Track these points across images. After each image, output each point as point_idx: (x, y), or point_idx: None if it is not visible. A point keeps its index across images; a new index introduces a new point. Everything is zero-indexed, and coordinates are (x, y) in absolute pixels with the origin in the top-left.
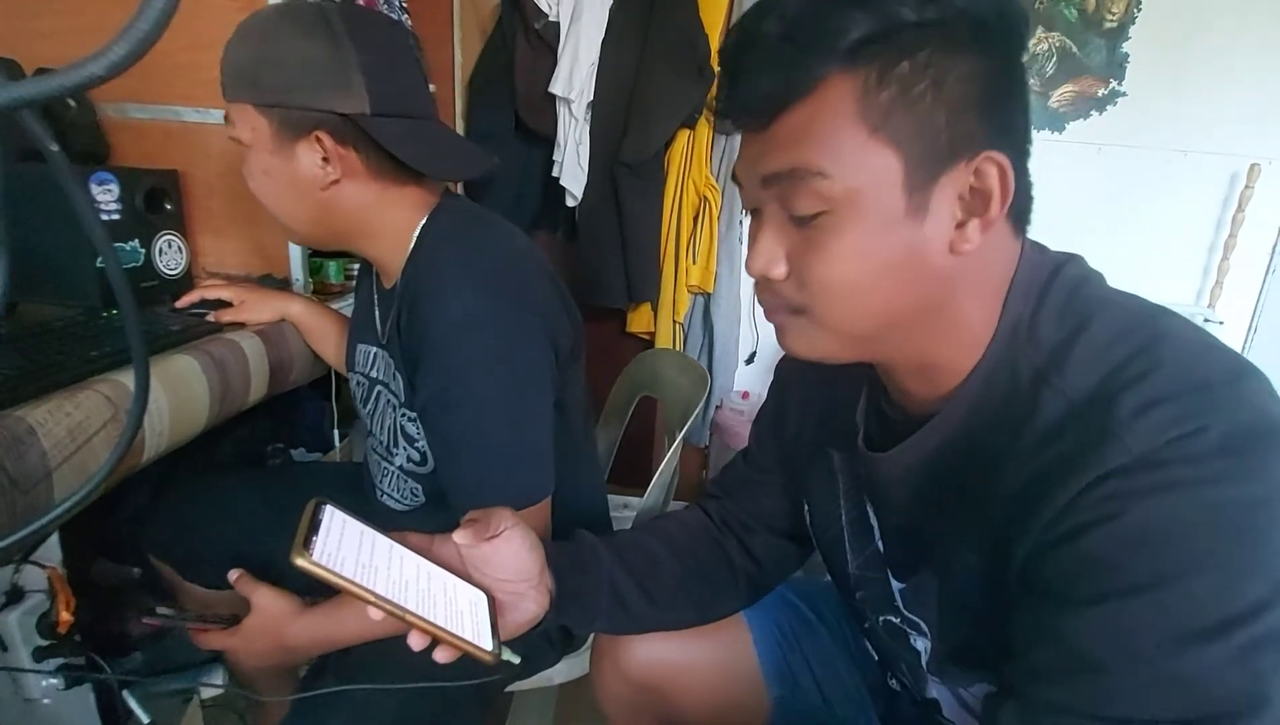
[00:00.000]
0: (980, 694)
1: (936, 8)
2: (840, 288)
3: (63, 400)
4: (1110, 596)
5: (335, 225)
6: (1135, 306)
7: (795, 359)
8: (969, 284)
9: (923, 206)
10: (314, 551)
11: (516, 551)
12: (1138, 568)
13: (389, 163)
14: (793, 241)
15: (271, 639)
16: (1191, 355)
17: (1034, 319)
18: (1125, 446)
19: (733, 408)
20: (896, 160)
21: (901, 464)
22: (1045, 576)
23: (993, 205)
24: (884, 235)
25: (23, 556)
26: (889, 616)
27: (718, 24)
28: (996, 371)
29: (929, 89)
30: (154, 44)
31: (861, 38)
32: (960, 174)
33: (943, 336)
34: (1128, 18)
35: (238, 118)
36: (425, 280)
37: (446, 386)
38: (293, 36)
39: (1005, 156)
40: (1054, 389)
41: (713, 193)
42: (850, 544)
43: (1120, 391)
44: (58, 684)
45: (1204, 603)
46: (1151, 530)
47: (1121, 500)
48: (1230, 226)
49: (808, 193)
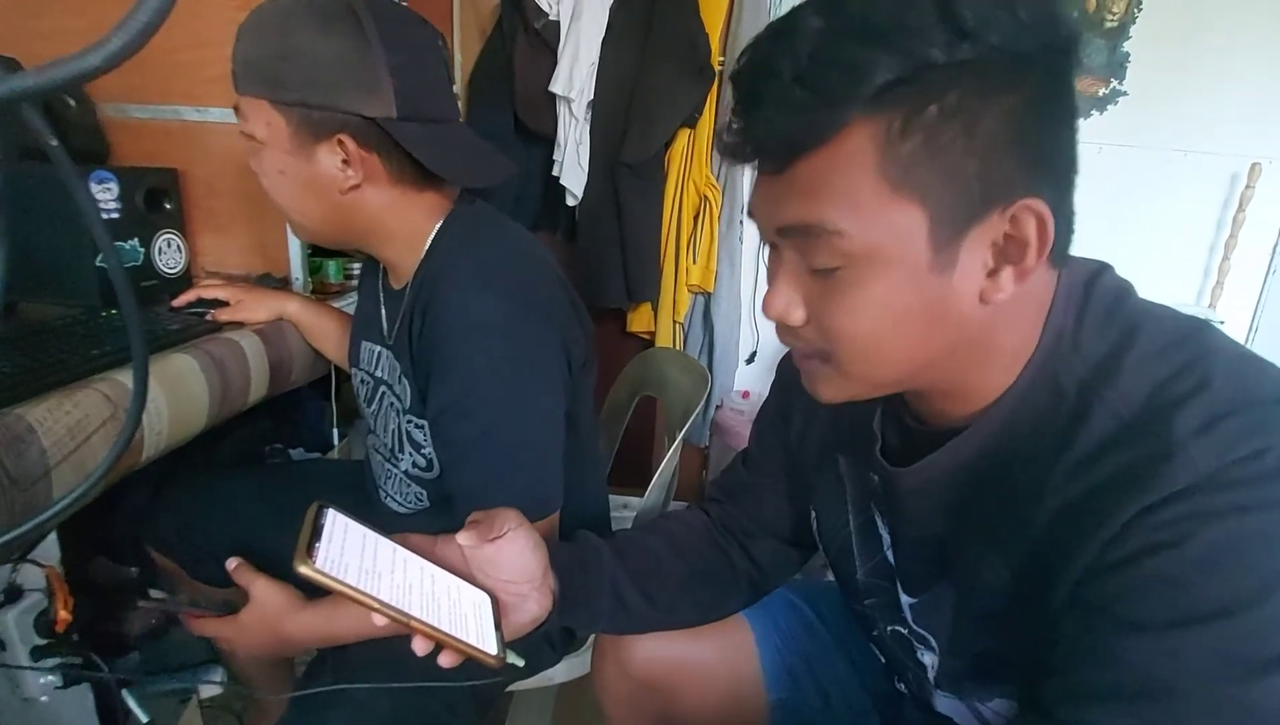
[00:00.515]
0: (1002, 709)
1: (971, 47)
2: (863, 339)
3: (62, 398)
4: (1179, 622)
5: (349, 226)
6: (1177, 319)
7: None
8: (1002, 323)
9: (950, 260)
10: (317, 559)
11: (520, 552)
12: (1207, 592)
13: (410, 167)
14: (810, 289)
15: (268, 632)
16: (1240, 370)
17: (1077, 330)
18: (1191, 466)
19: (733, 407)
20: (921, 216)
21: (926, 476)
22: (1103, 597)
23: (1029, 255)
24: (907, 288)
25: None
26: (896, 626)
27: (718, 23)
28: (1036, 385)
29: (959, 136)
30: (152, 35)
31: (886, 83)
32: (994, 223)
33: (976, 366)
34: (1128, 17)
35: (251, 113)
36: (440, 287)
37: (460, 396)
38: (317, 31)
39: (1044, 201)
40: (1104, 402)
41: (713, 192)
42: (858, 552)
43: (1174, 407)
44: (56, 683)
45: (1273, 629)
46: (1220, 553)
47: (1189, 522)
48: (1231, 226)
49: (825, 249)
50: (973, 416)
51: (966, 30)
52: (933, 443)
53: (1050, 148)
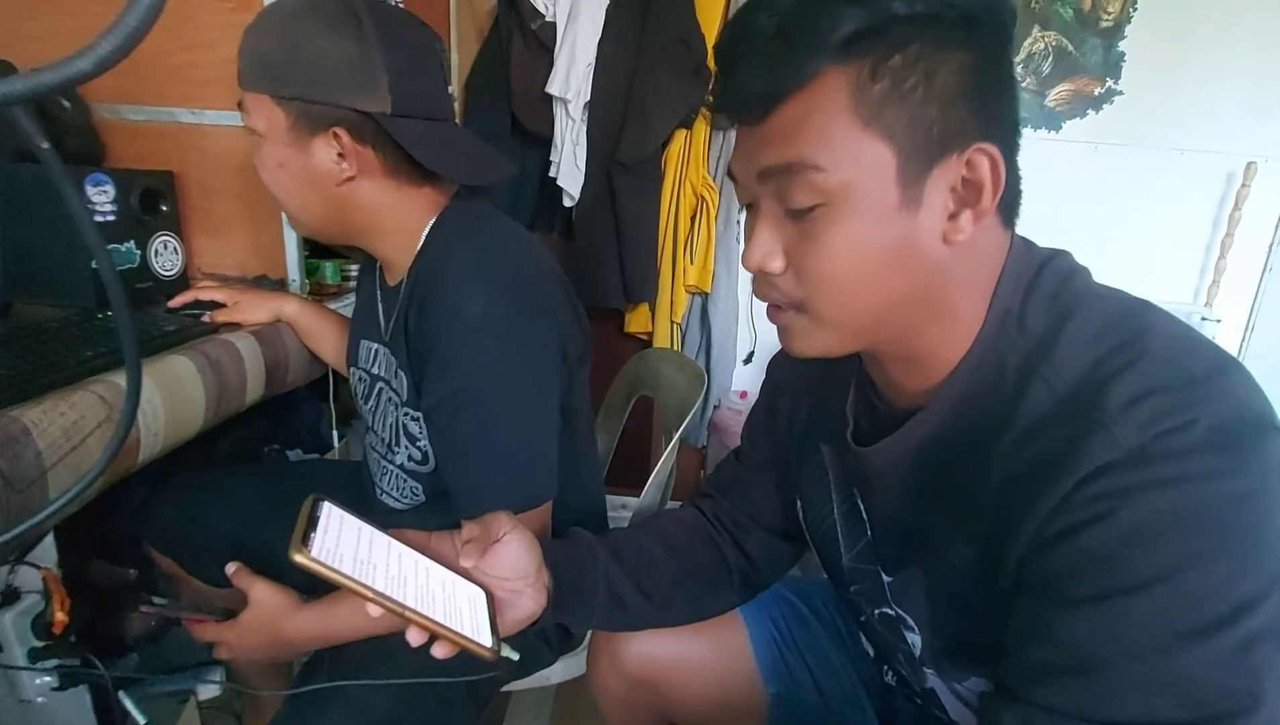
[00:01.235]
0: (976, 688)
1: (926, 2)
2: (838, 279)
3: (58, 400)
4: (1106, 595)
5: (346, 220)
6: (1121, 299)
7: (787, 356)
8: (961, 275)
9: (916, 198)
10: (312, 548)
11: (514, 552)
12: (1133, 566)
13: (405, 162)
14: (789, 235)
15: (267, 634)
16: (1176, 348)
17: (1022, 310)
18: (1115, 440)
19: (730, 407)
20: (890, 153)
21: (889, 457)
22: (1041, 574)
23: (985, 196)
24: (879, 227)
25: (17, 557)
26: (884, 609)
27: (714, 24)
28: (984, 363)
29: (920, 82)
30: (141, 39)
31: (853, 32)
32: (952, 166)
33: (933, 327)
34: (1123, 17)
35: (254, 108)
36: (435, 281)
37: (455, 390)
38: (319, 30)
39: (996, 148)
40: (1041, 379)
41: (710, 192)
42: (843, 537)
43: (1106, 383)
44: (53, 684)
45: (1200, 600)
46: (1145, 528)
47: (1115, 498)
48: (1227, 225)
49: (803, 186)
50: (928, 393)
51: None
52: (897, 422)
53: (998, 106)
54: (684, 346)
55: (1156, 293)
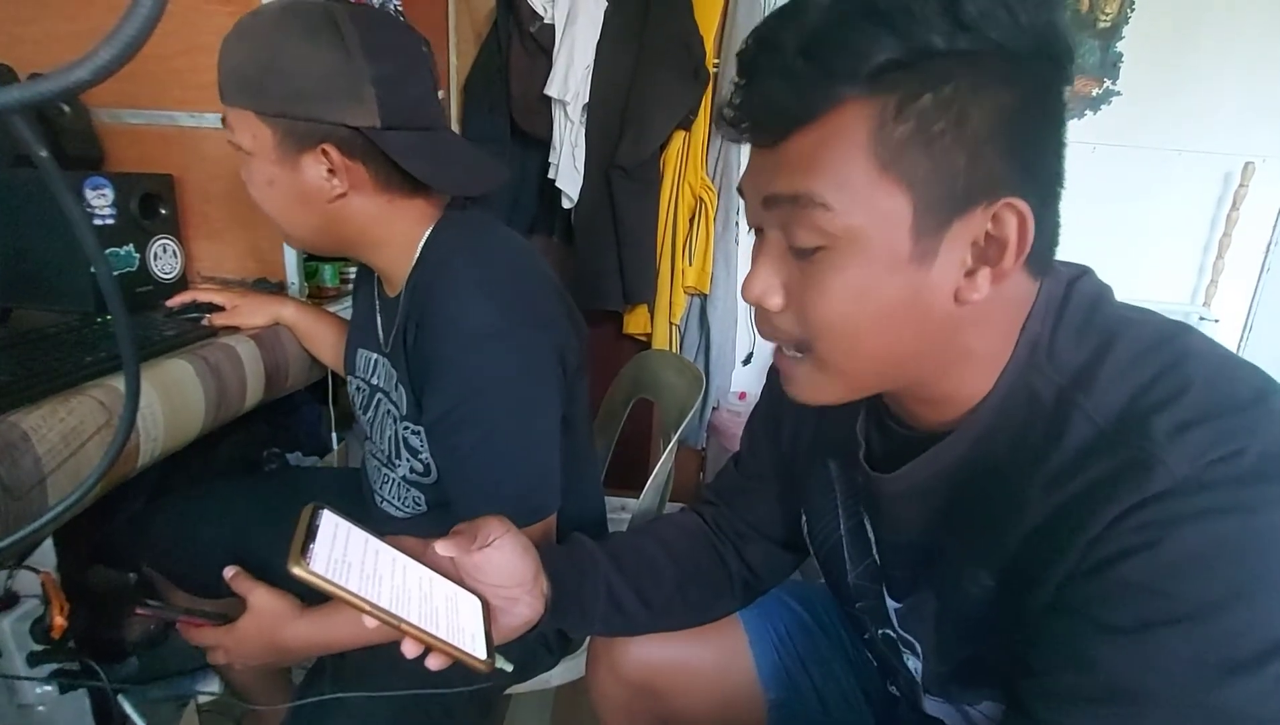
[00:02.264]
0: (989, 711)
1: (969, 38)
2: (837, 327)
3: (57, 406)
4: (1150, 625)
5: (339, 234)
6: (1156, 323)
7: None
8: (975, 326)
9: (931, 251)
10: (310, 560)
11: (508, 558)
12: (1177, 596)
13: (397, 175)
14: (790, 273)
15: (265, 640)
16: (1219, 374)
17: (1052, 339)
18: (1167, 470)
19: (730, 409)
20: (906, 202)
21: (907, 483)
22: (1080, 601)
23: (1007, 256)
24: (884, 278)
25: (16, 562)
26: (886, 630)
27: (712, 26)
28: (1013, 394)
29: (950, 127)
30: (140, 48)
31: (885, 62)
32: (976, 219)
33: (950, 371)
34: (1121, 18)
35: (237, 124)
36: (435, 294)
37: (456, 403)
38: (300, 42)
39: (1027, 203)
40: (1082, 412)
41: (709, 194)
42: (849, 555)
43: (1151, 413)
44: (52, 690)
45: (1243, 633)
46: (1193, 557)
47: (1163, 526)
48: (1225, 225)
49: (808, 224)
50: (952, 423)
51: (967, 22)
52: (914, 448)
53: (1037, 154)
54: (683, 348)
55: (1154, 293)
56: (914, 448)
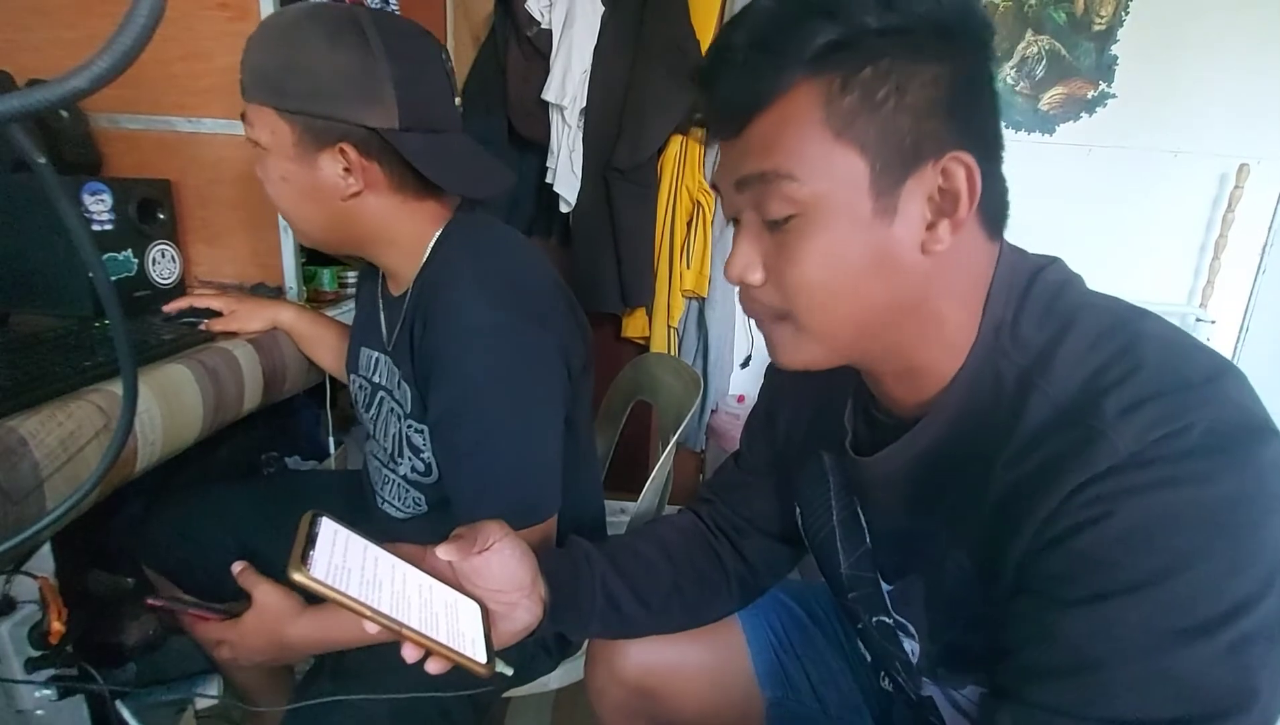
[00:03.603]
0: (973, 696)
1: (898, 15)
2: (815, 290)
3: (55, 410)
4: (1102, 596)
5: (350, 233)
6: (1116, 308)
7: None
8: (945, 285)
9: (890, 208)
10: (310, 566)
11: (506, 563)
12: (1128, 566)
13: (411, 176)
14: (767, 247)
15: (270, 636)
16: (1172, 355)
17: (1015, 322)
18: (1113, 446)
19: (728, 411)
20: (862, 163)
21: (888, 467)
22: (1038, 577)
23: (961, 205)
24: (853, 237)
25: (14, 567)
26: (881, 617)
27: (709, 30)
28: (980, 375)
29: (892, 94)
30: (136, 57)
31: (825, 45)
32: (927, 175)
33: (924, 339)
34: (1116, 20)
35: (257, 120)
36: (441, 294)
37: (459, 401)
38: (323, 42)
39: (972, 156)
40: (1040, 392)
41: (706, 197)
42: (842, 544)
43: (1104, 392)
44: (50, 695)
45: (1194, 600)
46: (1141, 529)
47: (1111, 500)
48: (1220, 227)
49: (778, 196)
50: (926, 406)
51: (894, 3)
52: (894, 434)
53: (973, 115)
54: (681, 351)
55: (1151, 294)
56: (894, 434)
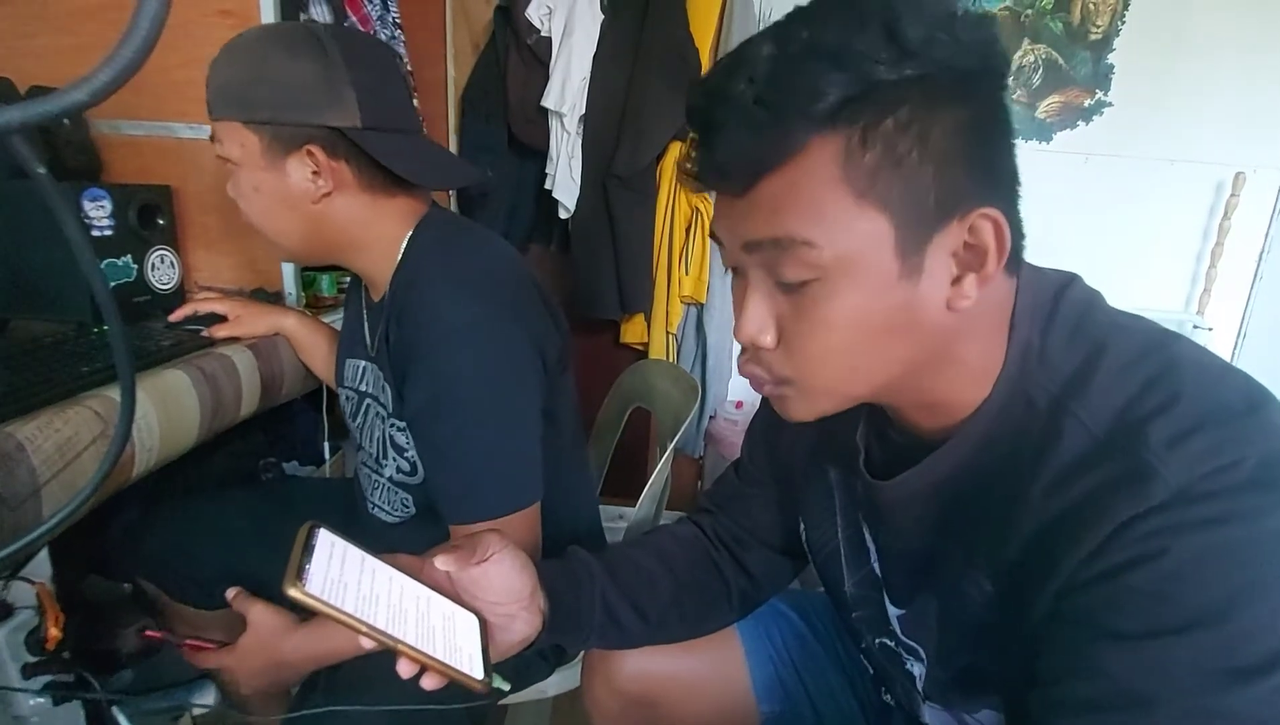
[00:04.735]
0: (988, 720)
1: (916, 64)
2: (834, 355)
3: (52, 416)
4: (1154, 632)
5: (325, 238)
6: (1146, 329)
7: None
8: (967, 332)
9: (917, 267)
10: (306, 582)
11: (506, 574)
12: (1183, 604)
13: (379, 174)
14: (781, 308)
15: (266, 655)
16: (1210, 382)
17: (1044, 346)
18: (1164, 481)
19: (727, 418)
20: (886, 223)
21: (907, 490)
22: (1084, 610)
23: (989, 261)
24: (878, 300)
25: (11, 572)
26: (884, 639)
27: (708, 37)
28: (1011, 401)
29: (914, 146)
30: (138, 69)
31: (839, 100)
32: (953, 231)
33: (945, 379)
34: (1112, 30)
35: (225, 136)
36: (412, 291)
37: (434, 395)
38: (283, 55)
39: (998, 210)
40: (1075, 419)
41: (705, 204)
42: (846, 563)
43: (1145, 422)
44: (46, 702)
45: (1248, 639)
46: (1196, 566)
47: (1165, 536)
48: (1217, 234)
49: (794, 262)
50: (950, 430)
51: (911, 49)
52: (912, 456)
53: (997, 161)
54: (679, 357)
55: (1148, 302)
56: (912, 455)
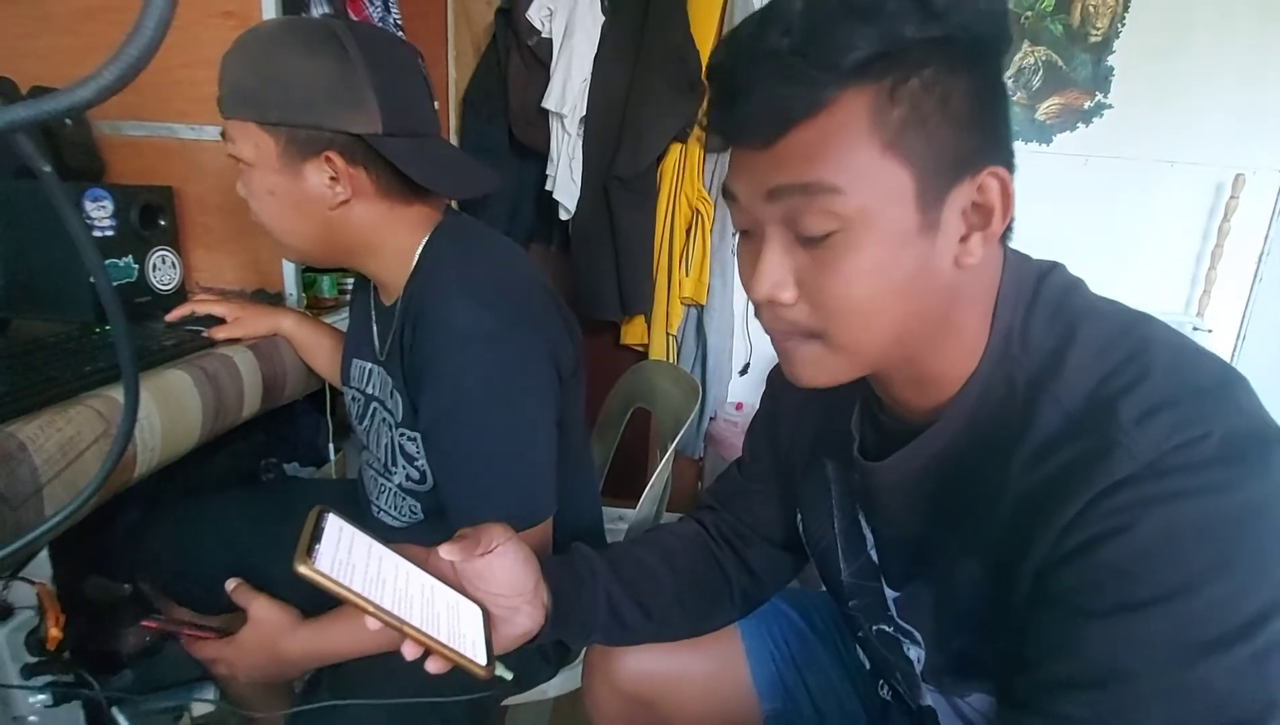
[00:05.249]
0: (980, 705)
1: (940, 25)
2: (857, 307)
3: (54, 416)
4: (1127, 608)
5: (338, 242)
6: (1120, 313)
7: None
8: (967, 294)
9: (934, 222)
10: (316, 560)
11: (510, 567)
12: (1153, 578)
13: (397, 181)
14: (801, 263)
15: (266, 651)
16: (1181, 360)
17: (1025, 327)
18: (1131, 455)
19: (727, 419)
20: (909, 177)
21: (897, 473)
22: (1060, 589)
23: (995, 219)
24: (898, 253)
25: (12, 572)
26: (882, 625)
27: (708, 39)
28: (992, 380)
29: (937, 106)
30: (143, 69)
31: (870, 55)
32: (966, 189)
33: (941, 347)
34: (1112, 32)
35: (239, 136)
36: (429, 299)
37: (450, 406)
38: (301, 53)
39: (1005, 170)
40: (1051, 397)
41: (705, 205)
42: (843, 554)
43: (1116, 398)
44: (46, 701)
45: (1217, 611)
46: (1165, 540)
47: (1132, 511)
48: (1217, 236)
49: (819, 211)
50: (936, 411)
51: (936, 11)
52: (903, 439)
53: (1001, 125)
54: (680, 359)
55: (1148, 303)
56: (903, 439)
